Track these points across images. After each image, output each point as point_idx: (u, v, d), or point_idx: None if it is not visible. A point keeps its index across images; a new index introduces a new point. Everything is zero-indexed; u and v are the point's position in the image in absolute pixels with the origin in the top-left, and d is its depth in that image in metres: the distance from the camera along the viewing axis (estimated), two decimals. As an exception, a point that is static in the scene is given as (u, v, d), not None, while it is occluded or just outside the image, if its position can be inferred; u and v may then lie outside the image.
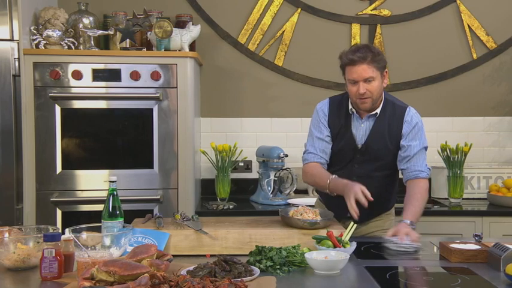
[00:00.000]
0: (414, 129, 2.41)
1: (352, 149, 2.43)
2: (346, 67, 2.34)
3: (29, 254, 1.81)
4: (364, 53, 2.30)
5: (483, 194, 3.40)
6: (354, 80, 2.32)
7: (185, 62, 3.06)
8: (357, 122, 2.44)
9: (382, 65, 2.35)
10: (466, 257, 1.93)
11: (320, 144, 2.47)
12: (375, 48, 2.37)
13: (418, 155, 2.39)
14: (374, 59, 2.30)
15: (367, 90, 2.31)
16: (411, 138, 2.40)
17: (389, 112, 2.43)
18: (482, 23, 3.64)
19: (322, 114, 2.49)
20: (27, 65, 2.94)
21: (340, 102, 2.49)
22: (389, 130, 2.41)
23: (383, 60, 2.35)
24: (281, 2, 3.65)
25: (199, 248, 2.01)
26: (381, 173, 2.44)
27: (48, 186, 2.98)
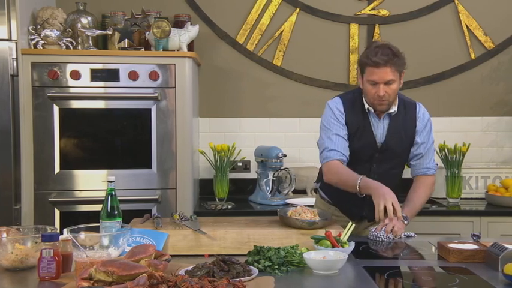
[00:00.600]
0: (427, 125, 2.48)
1: (372, 148, 2.43)
2: (367, 67, 2.31)
3: (27, 254, 1.81)
4: (387, 55, 2.27)
5: (481, 194, 3.41)
6: (374, 81, 2.30)
7: (183, 62, 3.06)
8: (374, 120, 2.43)
9: (403, 68, 2.34)
10: (464, 256, 1.93)
11: (340, 141, 2.40)
12: (397, 49, 2.33)
13: (428, 152, 2.47)
14: (397, 62, 2.29)
15: (386, 93, 2.30)
16: (425, 136, 2.46)
17: (401, 109, 2.45)
18: (481, 23, 3.65)
19: (338, 112, 2.43)
20: (25, 65, 2.94)
21: (353, 101, 2.46)
22: (405, 127, 2.44)
23: (403, 63, 2.34)
24: (279, 2, 3.65)
25: (197, 248, 2.01)
26: (397, 171, 2.50)
27: (47, 186, 2.98)
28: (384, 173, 2.42)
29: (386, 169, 2.44)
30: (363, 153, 2.44)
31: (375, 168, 2.44)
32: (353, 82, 3.67)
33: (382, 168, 2.44)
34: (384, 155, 2.44)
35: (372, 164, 2.45)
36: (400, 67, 2.31)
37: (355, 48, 3.67)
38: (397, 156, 2.47)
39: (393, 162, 2.47)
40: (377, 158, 2.44)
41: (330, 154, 2.39)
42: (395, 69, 2.29)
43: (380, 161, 2.44)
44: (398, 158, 2.48)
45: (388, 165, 2.45)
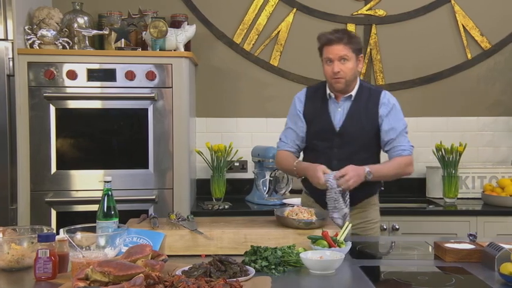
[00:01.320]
0: (392, 110, 2.51)
1: (330, 132, 2.51)
2: (324, 47, 2.48)
3: (23, 255, 1.80)
4: (341, 34, 2.45)
5: (478, 194, 3.41)
6: (329, 58, 2.45)
7: (180, 62, 3.06)
8: (333, 105, 2.53)
9: (358, 48, 2.47)
10: (461, 256, 1.93)
11: (291, 134, 2.60)
12: (352, 33, 2.54)
13: (400, 136, 2.49)
14: (350, 40, 2.44)
15: (341, 70, 2.43)
16: (391, 121, 2.50)
17: (365, 95, 2.52)
18: (477, 23, 3.66)
19: (298, 102, 2.61)
20: (21, 65, 2.93)
21: (317, 89, 2.62)
22: (366, 112, 2.50)
23: (359, 44, 2.49)
24: (276, 2, 3.65)
25: (194, 248, 2.01)
26: (360, 156, 2.48)
27: (43, 186, 2.97)
28: (346, 158, 2.44)
29: (347, 154, 2.47)
30: (323, 138, 2.53)
31: (336, 153, 2.50)
32: (350, 82, 3.67)
33: (343, 153, 2.48)
34: (343, 139, 2.49)
35: (333, 149, 2.51)
36: (354, 46, 2.45)
37: (352, 48, 3.67)
38: (357, 140, 2.50)
39: (354, 147, 2.49)
40: (337, 142, 2.51)
41: (280, 145, 2.64)
42: (350, 47, 2.43)
43: (340, 145, 2.50)
44: (359, 142, 2.50)
45: (349, 150, 2.48)
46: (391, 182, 3.60)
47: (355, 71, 2.47)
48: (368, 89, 2.54)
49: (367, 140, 2.52)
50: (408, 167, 2.51)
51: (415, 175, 3.64)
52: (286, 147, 2.61)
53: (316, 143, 2.55)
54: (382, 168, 2.47)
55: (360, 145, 2.50)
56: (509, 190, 3.21)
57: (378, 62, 3.67)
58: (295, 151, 2.61)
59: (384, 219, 3.10)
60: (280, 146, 2.63)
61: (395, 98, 2.56)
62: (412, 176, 3.59)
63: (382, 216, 3.11)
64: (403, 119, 2.53)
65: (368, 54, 3.67)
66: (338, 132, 2.50)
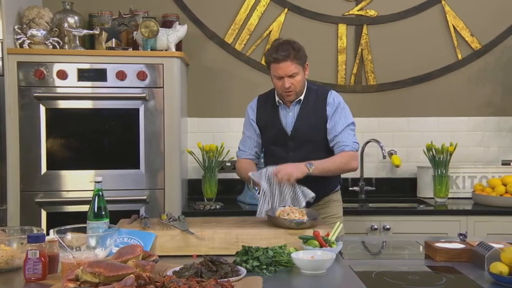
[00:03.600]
0: (337, 109, 2.59)
1: (283, 136, 2.61)
2: (271, 65, 2.55)
3: (12, 256, 1.79)
4: (286, 51, 2.50)
5: (468, 194, 3.43)
6: (279, 75, 2.53)
7: (171, 61, 3.05)
8: (284, 111, 2.64)
9: (303, 60, 2.56)
10: (451, 256, 1.94)
11: (248, 142, 2.72)
12: (296, 45, 2.55)
13: (343, 133, 2.56)
14: (296, 56, 2.51)
15: (291, 85, 2.53)
16: (336, 119, 2.58)
17: (312, 97, 2.62)
18: (467, 23, 3.68)
19: (251, 111, 2.73)
20: (11, 65, 2.91)
21: (267, 97, 2.72)
22: (315, 113, 2.59)
23: (304, 56, 2.56)
24: (268, 2, 3.65)
25: (185, 249, 2.00)
26: (316, 156, 2.54)
27: (33, 186, 2.95)
28: (301, 160, 2.52)
29: (303, 156, 2.54)
30: (277, 143, 2.64)
31: (291, 156, 2.58)
32: (341, 82, 3.68)
33: (298, 155, 2.56)
34: (296, 142, 2.60)
35: (288, 153, 2.60)
36: (300, 60, 2.53)
37: (344, 49, 3.68)
38: (309, 142, 2.60)
39: (308, 148, 2.58)
40: (291, 146, 2.61)
41: (238, 154, 2.77)
42: (296, 62, 2.52)
43: (294, 148, 2.60)
44: (312, 143, 2.60)
45: (304, 152, 2.57)
46: (383, 182, 3.66)
47: (303, 81, 2.59)
48: (315, 91, 2.64)
49: (320, 139, 2.61)
50: (351, 162, 2.56)
51: (406, 175, 3.67)
52: (244, 155, 2.73)
53: (272, 149, 2.67)
54: (325, 163, 2.52)
55: (314, 146, 2.59)
56: (499, 190, 3.23)
57: (369, 62, 3.68)
58: (254, 158, 2.73)
59: (375, 219, 3.12)
60: (239, 155, 2.75)
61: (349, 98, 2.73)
62: (403, 175, 3.68)
63: (373, 216, 3.15)
64: (348, 116, 2.61)
65: (359, 55, 3.68)
66: (290, 135, 2.61)
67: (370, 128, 3.67)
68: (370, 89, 3.70)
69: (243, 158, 2.73)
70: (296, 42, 2.58)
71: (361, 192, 3.60)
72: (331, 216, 2.65)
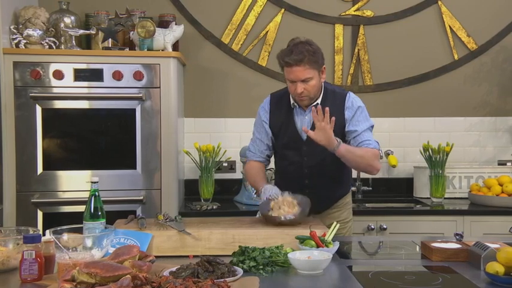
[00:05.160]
0: (357, 113, 2.46)
1: (298, 141, 2.49)
2: (285, 68, 2.39)
3: (8, 256, 1.79)
4: (299, 54, 2.33)
5: (464, 194, 3.44)
6: (291, 80, 2.38)
7: (168, 62, 3.05)
8: (300, 115, 2.50)
9: (319, 64, 2.39)
10: (447, 255, 1.95)
11: (260, 145, 2.58)
12: (313, 47, 2.39)
13: (364, 133, 2.45)
14: (310, 59, 2.34)
15: (304, 90, 2.37)
16: (356, 123, 2.46)
17: (330, 100, 2.46)
18: (463, 24, 3.69)
19: (263, 112, 2.57)
20: (7, 65, 2.90)
21: (281, 97, 2.56)
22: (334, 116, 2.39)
23: (320, 59, 2.39)
24: (265, 2, 3.65)
25: (182, 249, 2.00)
26: (331, 162, 2.44)
27: (29, 187, 2.94)
28: (316, 165, 2.46)
29: (318, 161, 2.46)
30: (291, 147, 2.51)
31: (306, 161, 2.49)
32: (338, 82, 3.68)
33: (313, 161, 2.47)
34: (311, 148, 2.43)
35: (303, 158, 2.49)
36: (315, 64, 2.36)
37: (340, 49, 3.69)
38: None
39: (324, 154, 2.40)
40: (305, 151, 2.47)
41: (249, 155, 2.63)
42: (310, 67, 2.34)
43: (309, 153, 2.47)
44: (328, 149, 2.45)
45: (319, 158, 2.45)
46: (379, 182, 3.66)
47: (318, 86, 2.43)
48: (332, 93, 2.50)
49: None
50: (375, 160, 2.42)
51: (403, 175, 3.68)
52: (254, 157, 2.60)
53: (285, 153, 2.54)
54: (351, 148, 2.40)
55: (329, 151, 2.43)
56: (495, 190, 3.24)
57: (365, 63, 3.69)
58: (264, 160, 2.61)
59: (372, 219, 3.12)
60: (249, 157, 2.62)
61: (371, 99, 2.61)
62: (400, 176, 3.68)
63: (370, 216, 3.15)
64: (368, 120, 2.49)
65: (356, 55, 3.68)
66: (305, 141, 2.45)
67: (367, 128, 3.67)
68: (367, 89, 3.70)
69: (253, 159, 2.60)
70: (313, 43, 2.41)
71: (357, 192, 3.60)
72: (342, 221, 2.53)
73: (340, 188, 2.61)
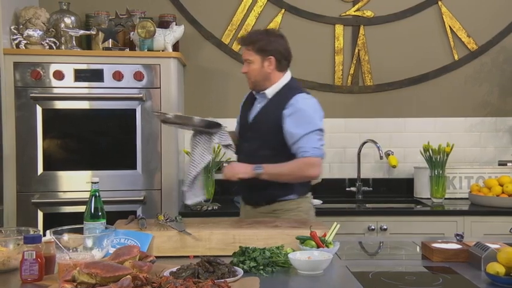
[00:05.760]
0: (297, 114, 2.43)
1: (245, 126, 2.63)
2: None
3: (9, 257, 1.79)
4: (248, 37, 2.55)
5: (465, 194, 3.44)
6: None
7: (168, 62, 3.05)
8: (256, 102, 2.62)
9: (265, 52, 2.49)
10: (448, 256, 1.95)
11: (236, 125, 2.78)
12: (269, 36, 2.52)
13: (303, 138, 2.41)
14: (256, 45, 2.49)
15: (247, 71, 2.54)
16: (293, 124, 2.43)
17: (282, 95, 2.52)
18: (464, 24, 3.68)
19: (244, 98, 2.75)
20: (7, 65, 2.90)
21: None
22: (275, 110, 2.50)
23: (268, 48, 2.49)
24: (265, 3, 3.65)
25: (182, 249, 2.00)
26: (264, 153, 2.48)
27: (29, 187, 2.95)
28: (249, 153, 2.54)
29: (252, 149, 2.54)
30: (242, 131, 2.67)
31: (244, 147, 2.60)
32: (338, 83, 3.68)
33: (249, 147, 2.56)
34: (252, 134, 2.57)
35: (243, 143, 2.61)
36: (259, 51, 2.49)
37: (340, 49, 3.69)
38: (262, 137, 2.51)
39: (259, 142, 2.51)
40: (248, 136, 2.60)
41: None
42: (253, 51, 2.50)
43: (248, 139, 2.59)
44: (263, 138, 2.51)
45: (254, 146, 2.53)
46: (380, 182, 3.66)
47: (261, 72, 2.51)
48: (289, 89, 2.52)
49: (271, 137, 2.48)
50: (308, 169, 2.39)
51: (403, 175, 3.68)
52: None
53: (239, 135, 2.70)
54: (277, 167, 2.41)
55: (264, 141, 2.51)
56: (495, 190, 3.23)
57: (366, 63, 3.69)
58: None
59: (372, 220, 3.12)
60: None
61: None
62: (400, 176, 3.68)
63: (370, 216, 3.15)
64: (311, 124, 2.43)
65: (356, 55, 3.68)
66: (249, 125, 2.59)
67: (367, 129, 3.67)
68: (367, 90, 3.70)
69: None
70: (274, 35, 2.55)
71: (358, 193, 3.60)
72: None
73: (276, 188, 2.48)
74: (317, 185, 3.52)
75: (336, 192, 3.61)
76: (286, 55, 2.55)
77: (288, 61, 2.57)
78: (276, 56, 2.51)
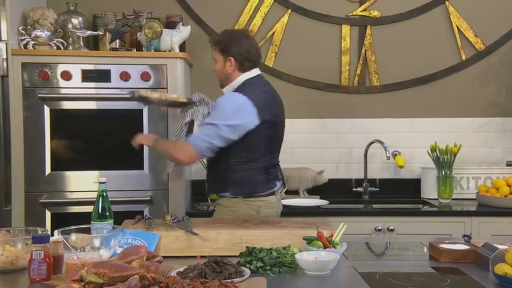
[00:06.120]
0: (214, 107, 2.59)
1: None
2: None
3: (17, 256, 1.80)
4: (214, 38, 2.71)
5: (472, 195, 3.42)
6: None
7: (175, 62, 3.05)
8: None
9: (226, 52, 2.59)
10: (455, 257, 1.94)
11: None
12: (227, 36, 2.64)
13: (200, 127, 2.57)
14: (217, 45, 2.62)
15: (214, 69, 2.67)
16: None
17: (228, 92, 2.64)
18: (471, 24, 3.67)
19: None
20: (15, 66, 2.92)
21: None
22: None
23: (228, 49, 2.58)
24: (271, 3, 3.65)
25: (189, 249, 2.01)
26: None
27: (37, 187, 2.96)
28: None
29: None
30: None
31: None
32: (345, 83, 3.68)
33: None
34: None
35: None
36: (221, 51, 2.61)
37: (347, 49, 3.68)
38: None
39: None
40: None
41: None
42: (217, 51, 2.62)
43: None
44: None
45: None
46: (387, 183, 3.66)
47: (223, 71, 2.62)
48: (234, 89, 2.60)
49: None
50: (179, 152, 2.53)
51: (410, 176, 3.67)
52: None
53: None
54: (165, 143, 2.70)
55: None
56: (503, 191, 3.22)
57: (372, 63, 3.68)
58: None
59: (379, 220, 3.12)
60: None
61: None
62: (407, 176, 3.67)
63: (377, 216, 3.14)
64: (216, 116, 2.50)
65: (363, 55, 3.68)
66: None
67: (374, 129, 3.66)
68: (374, 90, 3.69)
69: None
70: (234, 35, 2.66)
71: (365, 193, 3.60)
72: None
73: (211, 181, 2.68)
74: (324, 185, 3.54)
75: (343, 193, 3.61)
76: (248, 56, 2.58)
77: (252, 61, 2.60)
78: (236, 57, 2.57)
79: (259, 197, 2.57)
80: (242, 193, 2.57)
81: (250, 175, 2.55)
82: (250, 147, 2.54)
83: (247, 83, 2.59)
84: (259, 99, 2.53)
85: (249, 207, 2.56)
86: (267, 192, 2.59)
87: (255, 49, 2.62)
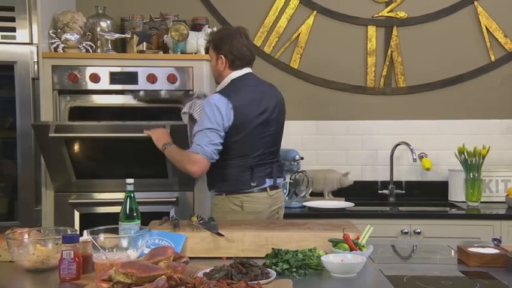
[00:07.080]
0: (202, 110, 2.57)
1: None
2: None
3: (48, 256, 1.83)
4: (209, 36, 2.72)
5: (501, 198, 3.36)
6: None
7: (201, 64, 3.07)
8: None
9: (216, 49, 2.61)
10: (485, 261, 1.91)
11: None
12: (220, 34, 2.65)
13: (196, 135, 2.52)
14: (211, 43, 2.65)
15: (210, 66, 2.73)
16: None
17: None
18: (501, 24, 3.61)
19: None
20: (46, 68, 2.97)
21: None
22: None
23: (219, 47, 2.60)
24: (297, 5, 3.65)
25: (215, 251, 2.02)
26: None
27: (66, 188, 3.00)
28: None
29: None
30: None
31: None
32: (371, 84, 3.65)
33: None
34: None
35: None
36: (213, 49, 2.63)
37: (373, 51, 3.65)
38: None
39: None
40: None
41: None
42: (211, 48, 2.65)
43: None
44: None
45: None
46: (413, 185, 3.62)
47: (215, 68, 2.66)
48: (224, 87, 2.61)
49: None
50: (188, 164, 2.51)
51: (437, 178, 3.62)
52: None
53: None
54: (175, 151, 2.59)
55: None
56: (533, 194, 3.16)
57: (399, 65, 3.65)
58: None
59: (405, 223, 3.09)
60: None
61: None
62: (434, 179, 3.63)
63: (403, 219, 3.11)
64: (203, 121, 2.50)
65: (389, 57, 3.64)
66: None
67: (400, 131, 3.63)
68: (400, 92, 3.66)
69: None
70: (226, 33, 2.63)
71: (391, 196, 3.56)
72: None
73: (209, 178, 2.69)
74: (349, 188, 3.52)
75: (368, 195, 3.58)
76: (238, 55, 2.58)
77: (243, 60, 2.59)
78: (227, 56, 2.59)
79: (243, 193, 2.58)
80: (225, 190, 2.61)
81: (234, 172, 2.57)
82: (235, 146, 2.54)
83: (234, 82, 2.61)
84: (240, 98, 2.53)
85: (232, 203, 2.59)
86: (251, 189, 2.58)
87: (246, 48, 2.60)
